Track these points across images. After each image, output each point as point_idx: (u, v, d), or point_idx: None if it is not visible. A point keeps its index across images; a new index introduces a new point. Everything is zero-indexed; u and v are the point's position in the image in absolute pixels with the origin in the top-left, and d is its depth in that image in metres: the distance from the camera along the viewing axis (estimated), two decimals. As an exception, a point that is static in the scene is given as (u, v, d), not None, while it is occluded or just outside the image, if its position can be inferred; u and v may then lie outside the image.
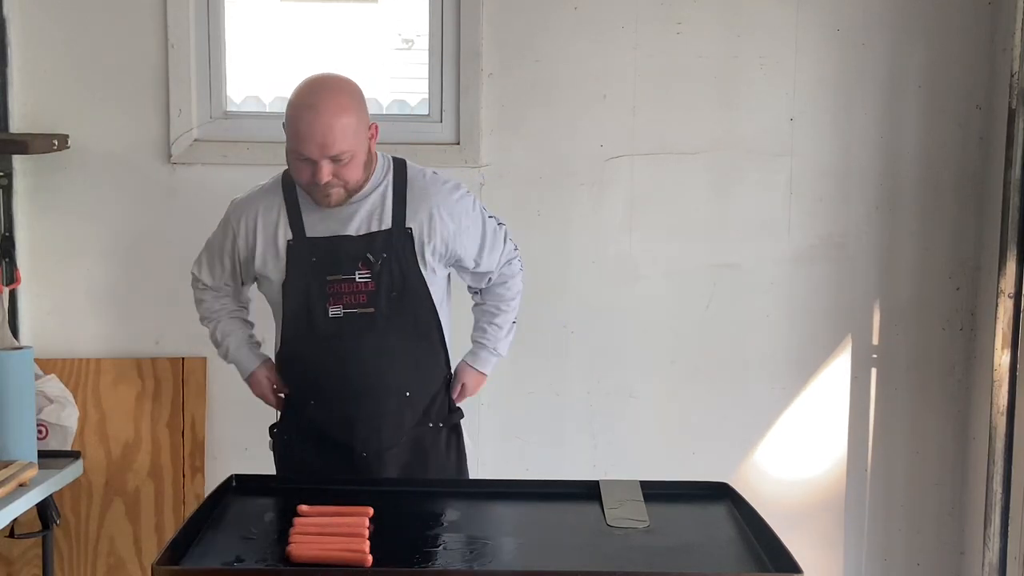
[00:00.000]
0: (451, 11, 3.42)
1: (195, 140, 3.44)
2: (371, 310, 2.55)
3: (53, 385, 3.18)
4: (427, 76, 3.50)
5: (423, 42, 3.54)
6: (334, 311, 2.55)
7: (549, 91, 3.45)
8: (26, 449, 2.61)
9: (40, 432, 2.83)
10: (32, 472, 2.57)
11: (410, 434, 2.65)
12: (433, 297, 2.61)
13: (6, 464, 2.55)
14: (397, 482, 2.48)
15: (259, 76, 3.88)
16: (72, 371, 3.44)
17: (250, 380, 2.82)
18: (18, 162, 3.40)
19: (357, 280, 2.54)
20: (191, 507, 3.34)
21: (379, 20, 4.20)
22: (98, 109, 3.42)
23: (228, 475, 2.33)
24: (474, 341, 2.83)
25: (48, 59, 3.40)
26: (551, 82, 3.45)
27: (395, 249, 2.55)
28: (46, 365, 3.37)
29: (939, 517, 3.61)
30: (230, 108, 3.53)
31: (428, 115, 3.51)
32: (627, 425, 3.56)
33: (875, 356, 3.57)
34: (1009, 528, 3.26)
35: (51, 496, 2.70)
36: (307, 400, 2.67)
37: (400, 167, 2.65)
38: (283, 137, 3.44)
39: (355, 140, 2.48)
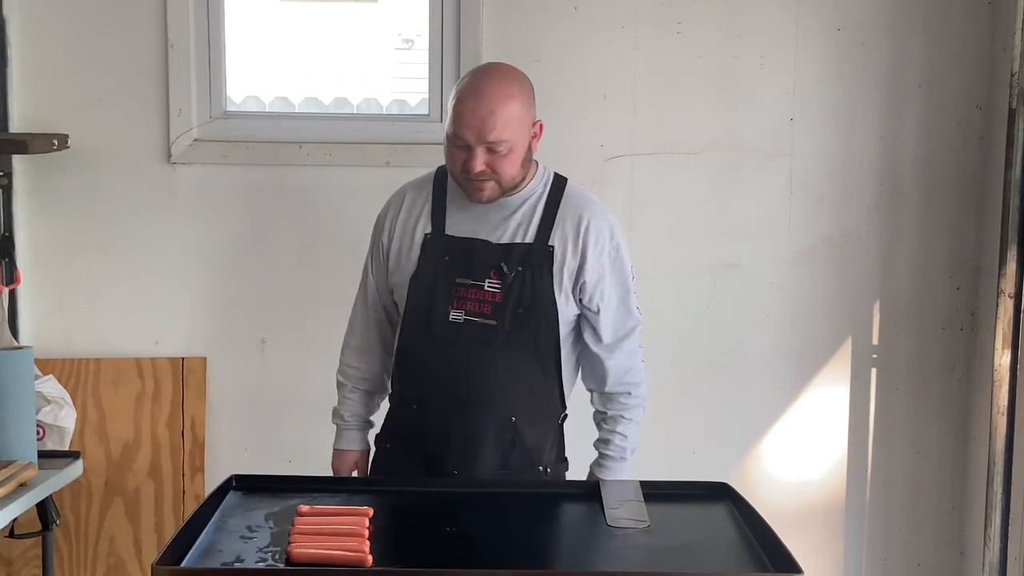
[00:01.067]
0: (451, 11, 3.42)
1: (195, 140, 3.43)
2: (493, 322, 2.43)
3: (51, 386, 3.18)
4: (427, 76, 3.50)
5: (423, 42, 3.54)
6: (455, 315, 2.44)
7: (549, 91, 3.43)
8: (26, 449, 2.61)
9: (38, 433, 2.83)
10: (32, 472, 2.57)
11: (515, 472, 2.49)
12: (560, 323, 2.48)
13: (6, 464, 2.54)
14: (397, 482, 2.48)
15: (259, 76, 3.89)
16: (72, 371, 3.44)
17: (340, 456, 2.71)
18: (18, 162, 3.40)
19: (486, 288, 2.44)
20: (191, 507, 3.34)
21: (379, 20, 4.20)
22: (98, 109, 3.42)
23: (228, 475, 2.33)
24: (598, 448, 2.65)
25: (48, 59, 3.40)
26: (551, 82, 3.44)
27: (532, 265, 2.43)
28: (46, 365, 3.37)
29: (939, 517, 3.61)
30: (230, 108, 3.53)
31: (428, 115, 3.51)
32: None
33: (875, 356, 3.57)
34: (1009, 528, 3.26)
35: (51, 496, 2.70)
36: (411, 404, 2.56)
37: (559, 183, 2.54)
38: (283, 137, 3.47)
39: (516, 131, 2.38)
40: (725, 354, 3.54)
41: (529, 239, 2.46)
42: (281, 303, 3.47)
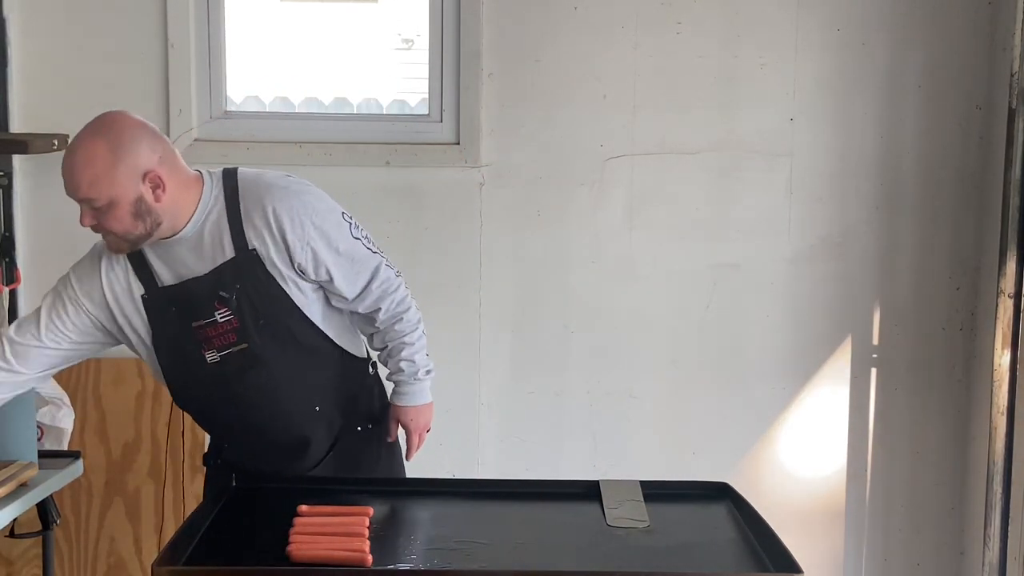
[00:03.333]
0: (451, 11, 3.42)
1: (195, 140, 3.43)
2: (244, 346, 2.36)
3: (49, 386, 3.17)
4: (427, 76, 3.50)
5: (423, 42, 3.54)
6: (211, 356, 2.37)
7: (549, 91, 3.45)
8: (26, 449, 2.61)
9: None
10: (32, 472, 2.57)
11: (338, 446, 2.51)
12: (308, 309, 2.41)
13: (6, 464, 2.54)
14: (397, 482, 2.48)
15: (259, 76, 3.89)
16: (72, 371, 3.41)
17: None
18: (18, 162, 3.40)
19: (219, 321, 2.35)
20: (191, 507, 3.34)
21: (379, 20, 4.20)
22: (98, 109, 3.37)
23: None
24: (392, 380, 2.59)
25: (48, 59, 3.40)
26: (551, 82, 3.45)
27: (245, 275, 2.35)
28: (46, 365, 3.37)
29: (939, 517, 3.61)
30: (230, 108, 3.53)
31: (428, 115, 3.51)
32: (627, 425, 3.56)
33: (875, 356, 3.56)
34: (1009, 528, 3.26)
35: (51, 496, 2.70)
36: (222, 444, 2.56)
37: (230, 181, 2.40)
38: (282, 137, 3.46)
39: (108, 189, 2.27)
40: (725, 354, 3.54)
41: (230, 254, 2.35)
42: (281, 303, 3.47)
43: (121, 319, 2.42)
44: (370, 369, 2.61)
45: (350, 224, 2.44)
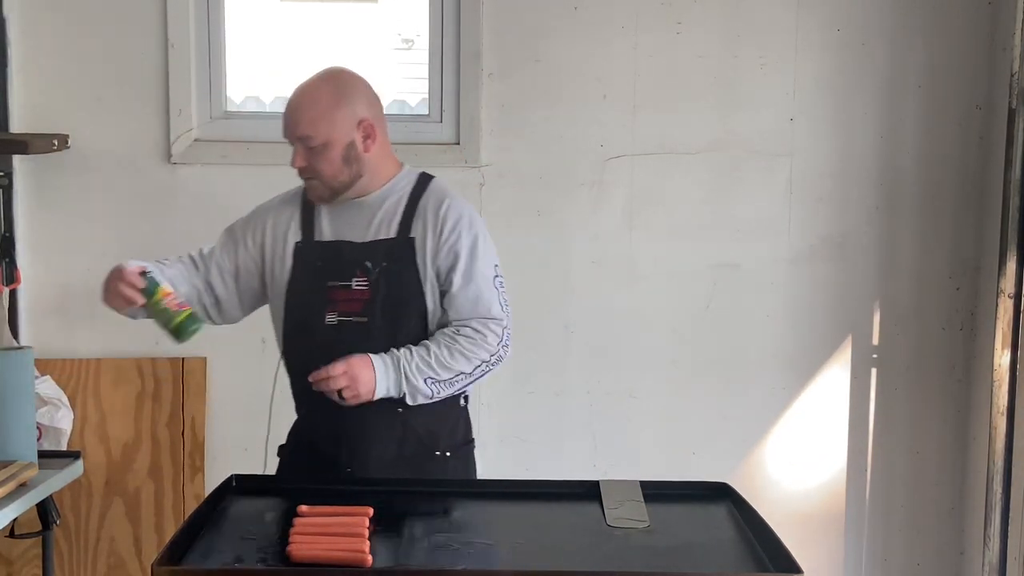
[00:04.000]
0: (451, 11, 3.42)
1: (195, 140, 3.44)
2: (364, 319, 2.45)
3: (48, 387, 3.19)
4: (427, 76, 3.50)
5: (423, 42, 3.54)
6: (330, 318, 2.46)
7: (549, 91, 3.45)
8: (26, 449, 2.61)
9: (35, 433, 2.83)
10: (32, 472, 2.57)
11: (412, 462, 2.50)
12: (431, 316, 2.48)
13: (6, 464, 2.55)
14: (397, 482, 2.48)
15: (259, 76, 3.89)
16: (72, 371, 3.44)
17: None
18: (18, 162, 3.40)
19: (354, 287, 2.46)
20: (191, 507, 3.34)
21: (379, 20, 4.20)
22: (98, 109, 3.42)
23: (228, 475, 2.33)
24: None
25: (48, 59, 3.40)
26: (551, 82, 3.45)
27: (395, 259, 2.46)
28: (46, 365, 3.37)
29: (939, 517, 3.61)
30: (230, 108, 3.53)
31: (428, 115, 3.51)
32: (627, 425, 3.56)
33: (875, 356, 3.57)
34: (1009, 528, 3.26)
35: (51, 496, 2.70)
36: (301, 410, 2.61)
37: (424, 180, 2.56)
38: (283, 137, 3.46)
39: (327, 129, 2.42)
40: (725, 354, 3.54)
41: (392, 235, 2.49)
42: (281, 303, 3.47)
43: (269, 260, 2.55)
44: (462, 400, 2.60)
45: (496, 275, 2.53)
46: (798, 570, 1.88)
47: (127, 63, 3.40)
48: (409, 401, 2.43)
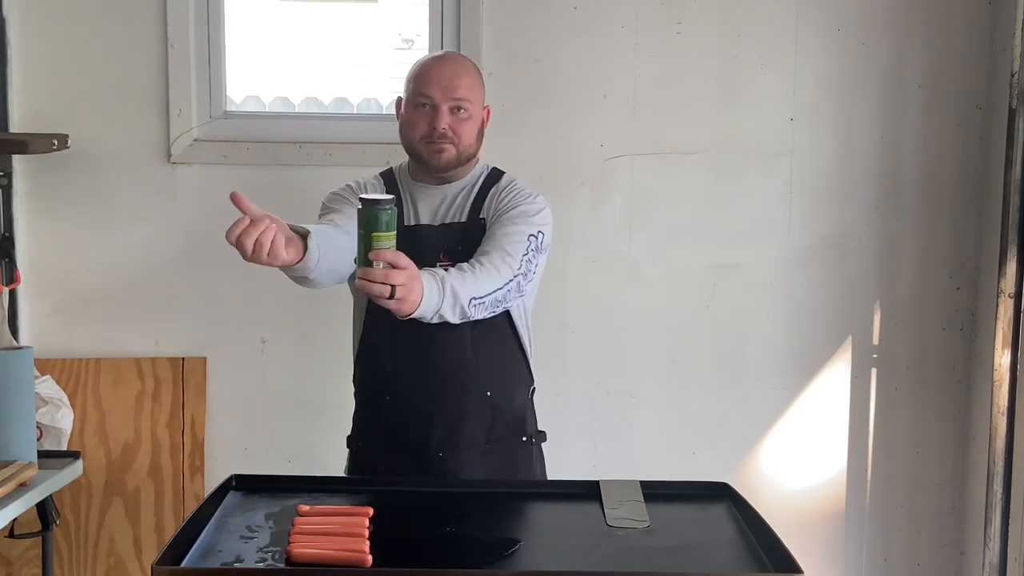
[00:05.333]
0: (451, 11, 3.42)
1: (195, 140, 3.43)
2: None
3: (48, 387, 3.18)
4: (427, 76, 3.49)
5: (423, 42, 3.54)
6: None
7: (549, 91, 3.45)
8: (26, 449, 2.61)
9: (35, 433, 2.83)
10: (32, 472, 2.57)
11: (500, 446, 2.57)
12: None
13: (6, 464, 2.55)
14: (397, 482, 2.48)
15: (259, 76, 3.88)
16: (72, 371, 3.44)
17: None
18: (18, 162, 3.40)
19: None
20: (191, 507, 3.34)
21: (379, 20, 4.19)
22: (98, 109, 3.42)
23: (228, 475, 2.33)
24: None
25: (48, 59, 3.40)
26: (551, 82, 3.45)
27: (470, 240, 2.50)
28: (46, 365, 3.37)
29: (939, 517, 3.61)
30: (230, 108, 3.53)
31: (428, 115, 3.50)
32: (627, 425, 3.56)
33: (875, 356, 3.57)
34: (1009, 528, 3.26)
35: (51, 496, 2.70)
36: (382, 397, 2.58)
37: (496, 172, 2.64)
38: (282, 137, 3.47)
39: (476, 99, 2.54)
40: (725, 354, 3.54)
41: (463, 219, 2.54)
42: (281, 303, 3.47)
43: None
44: (531, 393, 2.68)
45: (536, 234, 2.49)
46: (798, 570, 1.88)
47: (127, 63, 3.40)
48: (452, 320, 2.30)
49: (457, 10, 3.41)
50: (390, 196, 2.17)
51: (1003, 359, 3.22)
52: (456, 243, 2.50)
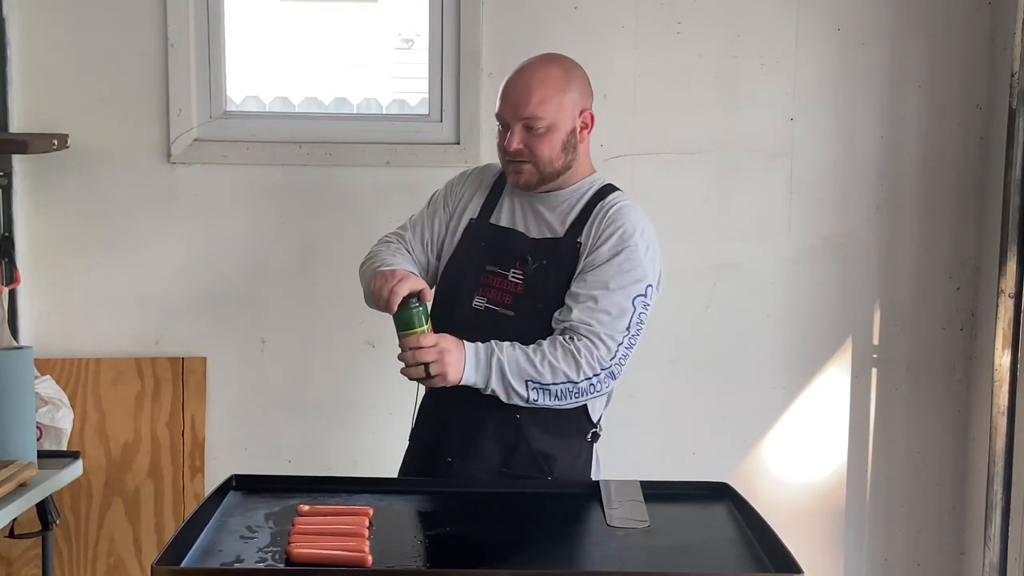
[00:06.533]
0: (451, 11, 3.42)
1: (195, 140, 3.43)
2: (511, 313, 2.39)
3: (48, 387, 3.18)
4: (427, 76, 3.50)
5: (423, 42, 3.54)
6: (478, 302, 2.42)
7: (549, 91, 3.45)
8: (26, 449, 2.61)
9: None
10: (32, 472, 2.57)
11: (515, 480, 2.42)
12: None
13: (6, 464, 2.54)
14: (397, 482, 2.48)
15: (259, 76, 3.89)
16: (72, 371, 3.44)
17: (386, 272, 2.36)
18: (18, 162, 3.40)
19: (510, 278, 2.41)
20: (191, 507, 3.34)
21: (379, 20, 4.20)
22: (98, 109, 3.42)
23: (228, 475, 2.33)
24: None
25: (48, 59, 3.40)
26: (551, 82, 3.44)
27: (556, 259, 2.40)
28: (45, 365, 3.37)
29: (939, 517, 3.61)
30: (230, 108, 3.53)
31: (428, 115, 3.51)
32: (627, 425, 3.55)
33: (875, 356, 3.57)
34: (1009, 528, 3.26)
35: (51, 496, 2.70)
36: (427, 403, 2.54)
37: (607, 188, 2.50)
38: (282, 137, 3.47)
39: (555, 112, 2.39)
40: (725, 354, 3.54)
41: (560, 234, 2.44)
42: (281, 303, 3.47)
43: (450, 230, 2.55)
44: (589, 436, 2.56)
45: (641, 295, 2.40)
46: (798, 570, 1.88)
47: (127, 63, 3.40)
48: (504, 399, 2.32)
49: (457, 10, 3.41)
50: (414, 293, 2.29)
51: (1003, 359, 3.22)
52: (541, 256, 2.41)
